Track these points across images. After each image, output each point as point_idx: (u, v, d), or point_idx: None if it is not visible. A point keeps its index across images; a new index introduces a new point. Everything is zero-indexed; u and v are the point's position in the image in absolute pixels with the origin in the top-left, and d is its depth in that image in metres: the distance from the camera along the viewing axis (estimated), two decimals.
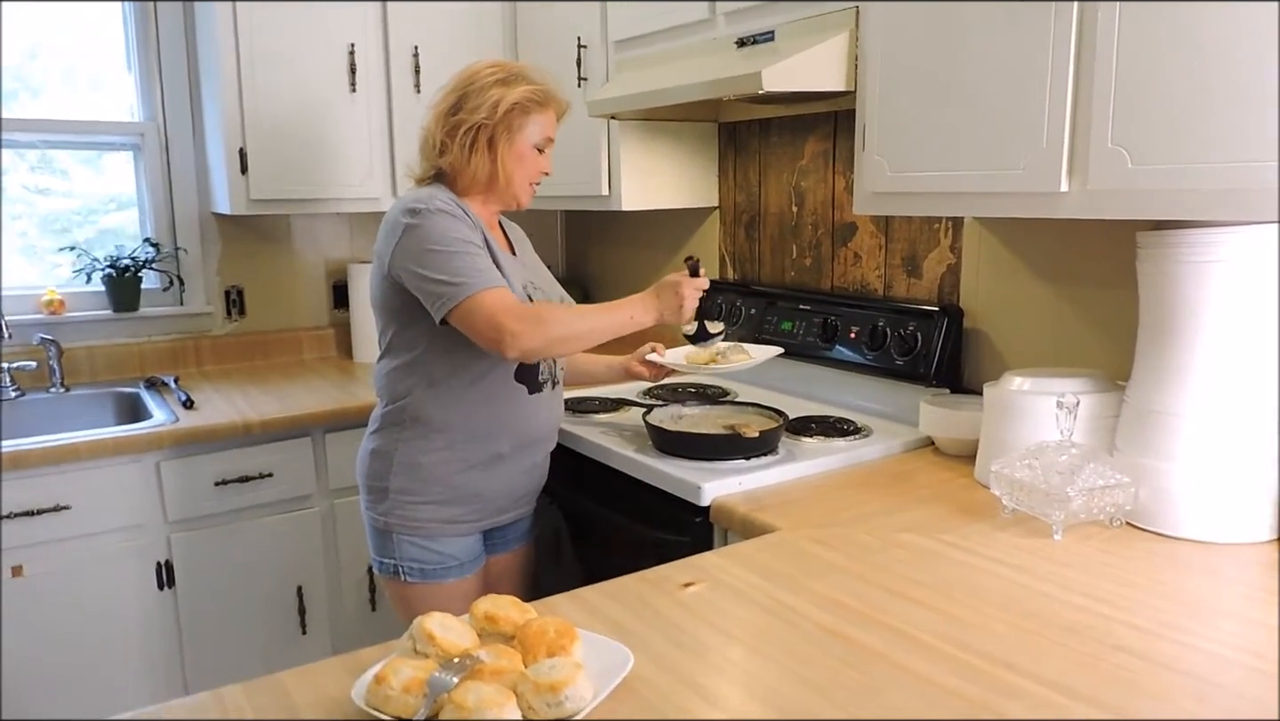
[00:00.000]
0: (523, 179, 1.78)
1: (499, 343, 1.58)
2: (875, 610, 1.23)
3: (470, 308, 1.58)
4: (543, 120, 1.76)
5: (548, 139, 1.79)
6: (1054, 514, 1.46)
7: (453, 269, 1.60)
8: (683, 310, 1.73)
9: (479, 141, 1.72)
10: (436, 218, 1.64)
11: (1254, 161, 1.22)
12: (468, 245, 1.64)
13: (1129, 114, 1.34)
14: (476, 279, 1.60)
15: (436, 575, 1.79)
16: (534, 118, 1.74)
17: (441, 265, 1.60)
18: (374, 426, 1.83)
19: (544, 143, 1.78)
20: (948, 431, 1.89)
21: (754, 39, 1.96)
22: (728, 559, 1.43)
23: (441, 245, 1.61)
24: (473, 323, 1.59)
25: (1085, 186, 1.41)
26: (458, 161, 1.73)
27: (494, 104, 1.69)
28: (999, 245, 1.97)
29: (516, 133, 1.73)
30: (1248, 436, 1.41)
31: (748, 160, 2.57)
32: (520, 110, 1.72)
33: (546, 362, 1.82)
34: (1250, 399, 1.41)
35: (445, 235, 1.62)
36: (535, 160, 1.78)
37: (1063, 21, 1.40)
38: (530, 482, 1.90)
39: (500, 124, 1.71)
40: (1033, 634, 1.15)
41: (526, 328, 1.58)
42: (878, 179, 1.74)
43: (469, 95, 1.71)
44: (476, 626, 1.15)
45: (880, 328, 2.10)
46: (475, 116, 1.70)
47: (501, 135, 1.72)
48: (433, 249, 1.61)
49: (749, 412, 2.04)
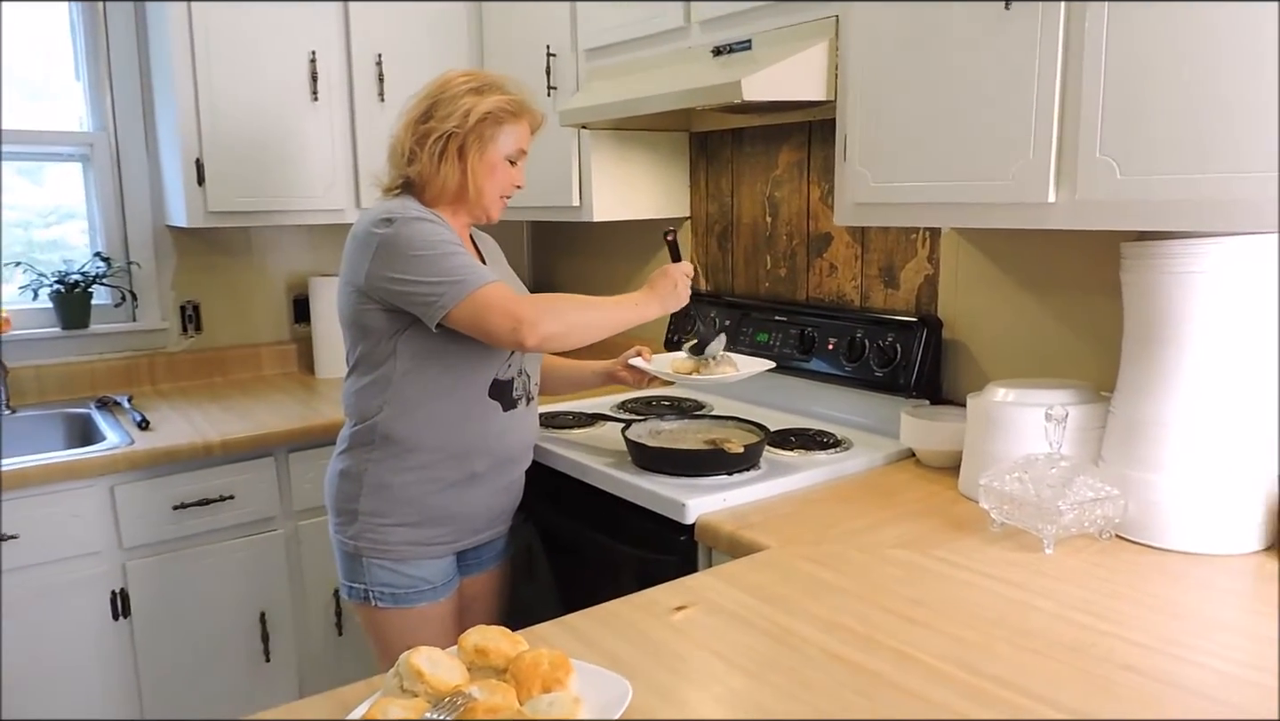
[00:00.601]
0: (493, 191, 1.73)
1: (516, 331, 1.53)
2: (876, 631, 1.20)
3: (478, 302, 1.54)
4: (516, 131, 1.71)
5: (520, 151, 1.74)
6: (1045, 528, 1.44)
7: (446, 268, 1.55)
8: (678, 292, 1.75)
9: (449, 150, 1.67)
10: (414, 225, 1.59)
11: (1246, 172, 1.21)
12: (454, 245, 1.59)
13: (1118, 124, 1.33)
14: (474, 275, 1.56)
15: (409, 599, 1.73)
16: (506, 128, 1.70)
17: (431, 267, 1.55)
18: (342, 446, 1.76)
19: (516, 155, 1.74)
20: (929, 443, 1.87)
21: (731, 47, 1.93)
22: (719, 579, 1.39)
23: (426, 248, 1.57)
24: (483, 316, 1.54)
25: (1074, 197, 1.40)
26: (426, 170, 1.68)
27: (465, 112, 1.64)
28: (977, 255, 1.97)
29: (488, 143, 1.68)
30: (1235, 446, 1.41)
31: (720, 170, 2.54)
32: (493, 120, 1.67)
33: (520, 378, 1.77)
34: (1237, 408, 1.40)
35: (428, 239, 1.58)
36: (507, 172, 1.73)
37: (1049, 30, 1.39)
38: (506, 502, 1.85)
39: (471, 133, 1.66)
40: (1038, 654, 1.13)
41: (543, 314, 1.55)
42: (860, 189, 1.72)
43: (440, 103, 1.66)
44: (466, 660, 1.10)
45: (859, 339, 2.09)
46: (446, 124, 1.65)
47: (472, 144, 1.67)
48: (417, 254, 1.56)
49: (729, 426, 2.00)
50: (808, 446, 1.96)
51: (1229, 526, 1.41)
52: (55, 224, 2.70)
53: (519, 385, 1.77)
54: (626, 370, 1.98)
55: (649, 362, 1.93)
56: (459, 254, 1.59)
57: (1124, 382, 1.53)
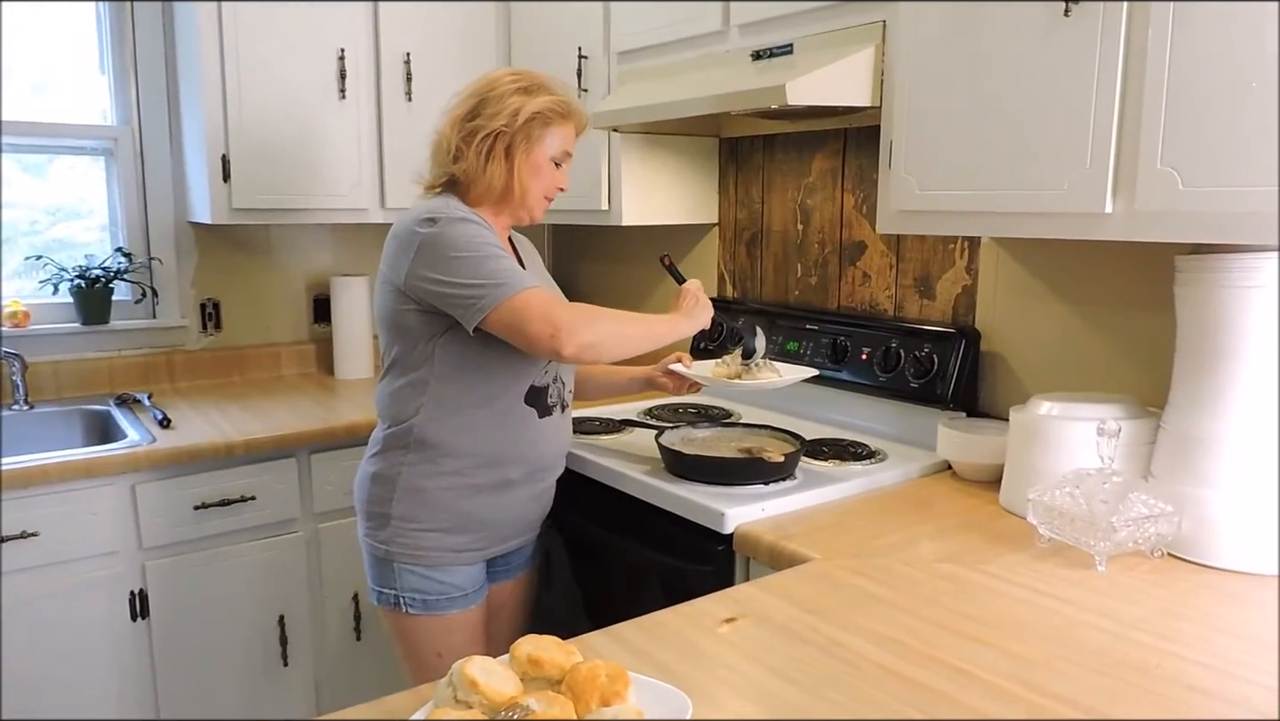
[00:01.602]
0: (538, 191, 1.71)
1: (554, 337, 1.50)
2: (931, 647, 1.17)
3: (517, 306, 1.51)
4: (562, 133, 1.70)
5: (566, 153, 1.73)
6: (1098, 544, 1.41)
7: (487, 271, 1.53)
8: (701, 305, 1.76)
9: (496, 149, 1.65)
10: (457, 225, 1.57)
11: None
12: (496, 249, 1.57)
13: (1181, 134, 1.31)
14: (515, 279, 1.53)
15: (440, 606, 1.70)
16: (554, 130, 1.68)
17: (472, 270, 1.53)
18: (375, 449, 1.73)
19: (562, 156, 1.72)
20: (967, 456, 1.85)
21: (771, 52, 1.91)
22: (766, 591, 1.36)
23: (468, 250, 1.54)
24: (521, 321, 1.51)
25: (1131, 207, 1.38)
26: (472, 169, 1.66)
27: (514, 111, 1.62)
28: (1017, 267, 1.94)
29: (535, 143, 1.66)
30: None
31: (750, 176, 2.52)
32: (541, 120, 1.65)
33: (556, 385, 1.75)
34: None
35: (471, 240, 1.55)
36: (552, 174, 1.72)
37: (1110, 36, 1.37)
38: (538, 509, 1.82)
39: (519, 132, 1.64)
40: (1101, 674, 1.10)
41: (582, 322, 1.53)
42: (905, 197, 1.70)
43: (488, 101, 1.64)
44: (518, 670, 1.06)
45: (894, 348, 2.06)
46: (494, 123, 1.63)
47: (520, 144, 1.65)
48: (459, 255, 1.54)
49: (763, 435, 1.98)
50: (842, 457, 1.93)
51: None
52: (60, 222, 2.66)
53: (554, 392, 1.74)
54: (666, 375, 1.95)
55: (689, 368, 1.90)
56: (501, 257, 1.56)
57: (1176, 397, 1.50)
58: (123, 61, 2.62)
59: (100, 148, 2.65)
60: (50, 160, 2.64)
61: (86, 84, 2.64)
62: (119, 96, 2.64)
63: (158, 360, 2.71)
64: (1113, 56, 1.37)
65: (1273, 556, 1.38)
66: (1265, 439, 1.39)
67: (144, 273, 2.68)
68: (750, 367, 1.87)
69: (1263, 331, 1.38)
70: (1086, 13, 1.38)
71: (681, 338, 1.74)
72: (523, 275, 1.57)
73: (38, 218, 2.62)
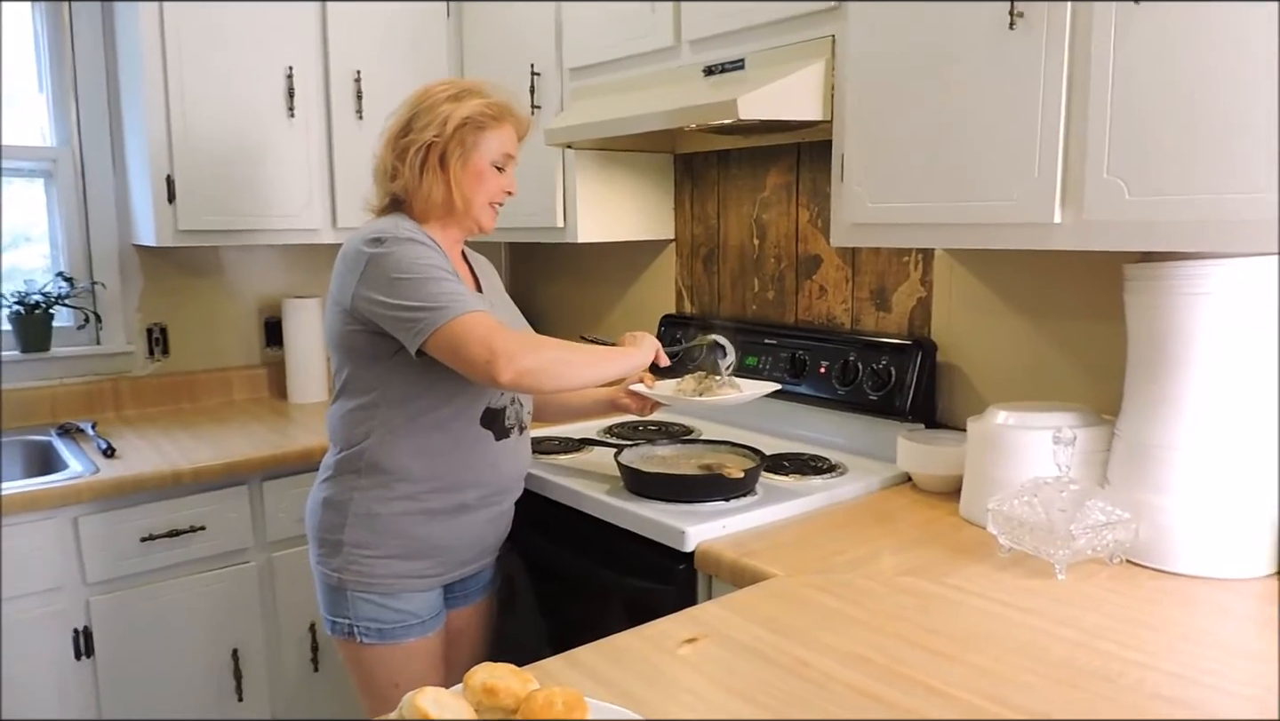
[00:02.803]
0: (481, 199, 1.67)
1: (492, 364, 1.46)
2: (899, 664, 1.16)
3: (455, 331, 1.48)
4: (499, 136, 1.66)
5: (507, 155, 1.68)
6: (1057, 552, 1.41)
7: (427, 294, 1.49)
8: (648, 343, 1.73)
9: (430, 160, 1.62)
10: (403, 245, 1.53)
11: (1255, 192, 1.20)
12: (440, 270, 1.53)
13: (1126, 144, 1.32)
14: (456, 303, 1.50)
15: (395, 635, 1.65)
16: (489, 134, 1.64)
17: (414, 291, 1.49)
18: (326, 474, 1.69)
19: (503, 160, 1.68)
20: (927, 468, 1.85)
21: (723, 67, 1.91)
22: (728, 610, 1.34)
23: (411, 272, 1.51)
24: (459, 346, 1.47)
25: (1080, 217, 1.39)
26: (410, 185, 1.63)
27: (444, 120, 1.59)
28: (971, 278, 1.95)
29: (471, 150, 1.63)
30: (1244, 469, 1.39)
31: (706, 192, 2.52)
32: (473, 125, 1.62)
33: (514, 406, 1.71)
34: (1245, 431, 1.39)
35: (415, 262, 1.52)
36: (495, 179, 1.67)
37: (1054, 48, 1.38)
38: (495, 532, 1.78)
39: (451, 141, 1.61)
40: (1069, 685, 1.10)
41: (521, 348, 1.49)
42: (857, 210, 1.70)
43: (419, 114, 1.61)
44: (473, 699, 1.03)
45: (852, 361, 2.06)
46: (425, 135, 1.60)
47: (454, 153, 1.62)
48: (402, 276, 1.50)
49: (723, 451, 1.96)
50: (802, 471, 1.93)
51: (1240, 550, 1.40)
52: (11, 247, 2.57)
53: (512, 414, 1.71)
54: (628, 396, 1.93)
55: (651, 388, 1.89)
56: (444, 280, 1.53)
57: (1129, 405, 1.51)
58: (62, 79, 2.55)
59: (39, 169, 2.58)
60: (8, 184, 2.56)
61: (24, 103, 2.56)
62: (58, 116, 2.57)
63: (102, 388, 2.63)
64: (1058, 67, 1.38)
65: (1230, 561, 1.39)
66: (1217, 444, 1.40)
67: (86, 297, 2.60)
68: (712, 385, 1.86)
69: (1211, 338, 1.40)
70: (1031, 25, 1.40)
71: (630, 371, 1.72)
72: (466, 299, 1.53)
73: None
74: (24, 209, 2.60)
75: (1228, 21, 1.21)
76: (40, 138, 2.58)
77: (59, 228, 2.60)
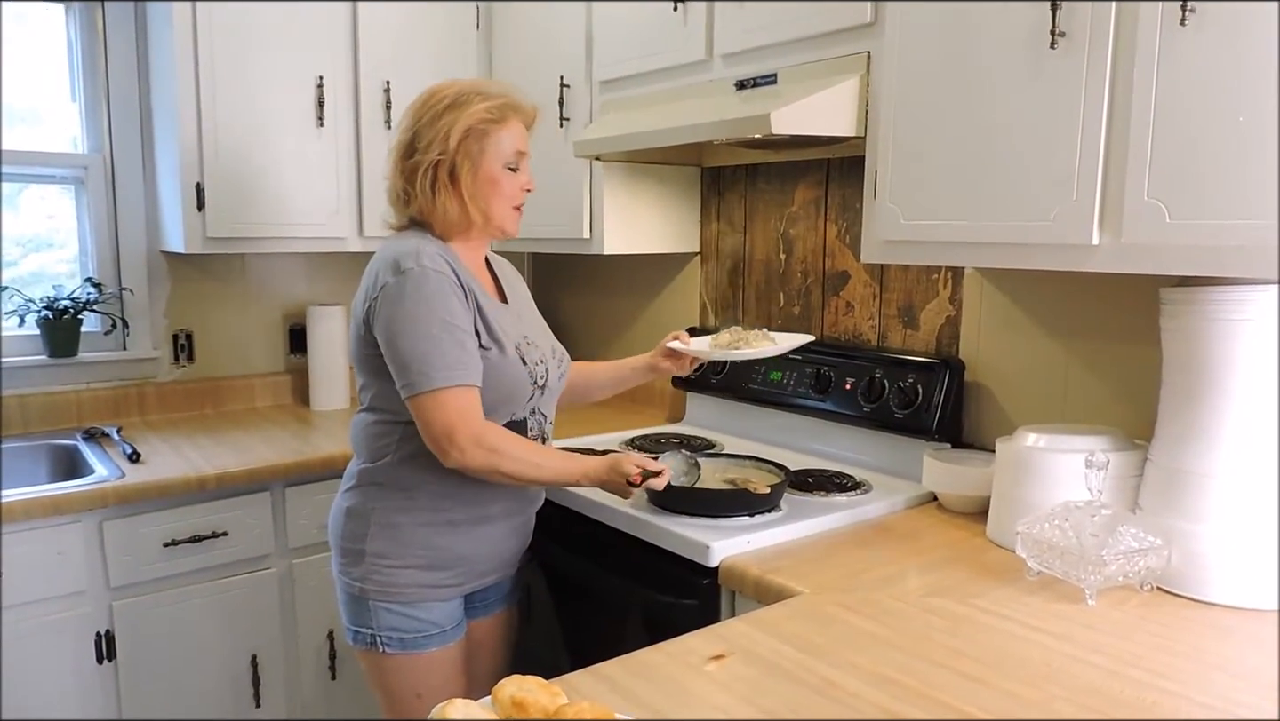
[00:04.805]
0: (500, 206, 1.63)
1: (443, 452, 1.51)
2: (928, 686, 1.14)
3: (428, 404, 1.49)
4: (509, 135, 1.61)
5: (518, 153, 1.63)
6: (1088, 577, 1.39)
7: (421, 353, 1.49)
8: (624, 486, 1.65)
9: (439, 179, 1.58)
10: (419, 284, 1.51)
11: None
12: (445, 325, 1.51)
13: (1168, 166, 1.31)
14: (441, 374, 1.49)
15: (417, 644, 1.64)
16: (495, 136, 1.59)
17: (411, 348, 1.49)
18: (349, 483, 1.69)
19: (514, 159, 1.62)
20: (954, 488, 1.83)
21: (755, 81, 1.91)
22: (754, 627, 1.33)
23: (413, 323, 1.49)
24: (427, 419, 1.50)
25: (1119, 240, 1.37)
26: (425, 207, 1.60)
27: (446, 135, 1.56)
28: (1001, 297, 1.94)
29: (479, 158, 1.59)
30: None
31: (732, 206, 2.51)
32: (478, 134, 1.58)
33: (535, 418, 1.70)
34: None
35: (420, 312, 1.50)
36: (510, 181, 1.63)
37: (1096, 68, 1.37)
38: (516, 543, 1.77)
39: (459, 154, 1.57)
40: (1101, 713, 1.08)
41: (477, 450, 1.51)
42: (890, 227, 1.69)
43: (421, 131, 1.58)
44: (501, 713, 1.03)
45: (878, 379, 2.05)
46: (430, 154, 1.57)
47: (463, 166, 1.58)
48: (406, 325, 1.50)
49: (747, 466, 1.95)
50: (826, 488, 1.91)
51: (1275, 580, 1.37)
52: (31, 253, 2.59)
53: (534, 425, 1.70)
54: (666, 357, 1.90)
55: (688, 345, 1.87)
56: (442, 338, 1.50)
57: (1163, 431, 1.49)
58: (94, 87, 2.58)
59: (71, 176, 2.61)
60: (20, 190, 2.59)
61: (57, 111, 2.59)
62: (90, 124, 2.60)
63: (128, 393, 2.65)
64: (1099, 88, 1.37)
65: (1265, 591, 1.37)
66: (1256, 474, 1.38)
67: (114, 303, 2.62)
68: (747, 338, 1.84)
69: (1252, 365, 1.38)
70: (1073, 44, 1.39)
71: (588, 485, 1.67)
72: (454, 370, 1.50)
73: (8, 250, 2.56)
74: (46, 215, 2.63)
75: (1274, 42, 1.20)
76: (72, 145, 2.61)
77: (88, 234, 2.62)
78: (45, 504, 1.96)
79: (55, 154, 2.59)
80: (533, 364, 1.65)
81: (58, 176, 2.60)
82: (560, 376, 1.76)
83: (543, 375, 1.68)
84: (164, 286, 2.70)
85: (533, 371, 1.64)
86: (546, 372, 1.69)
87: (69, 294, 2.54)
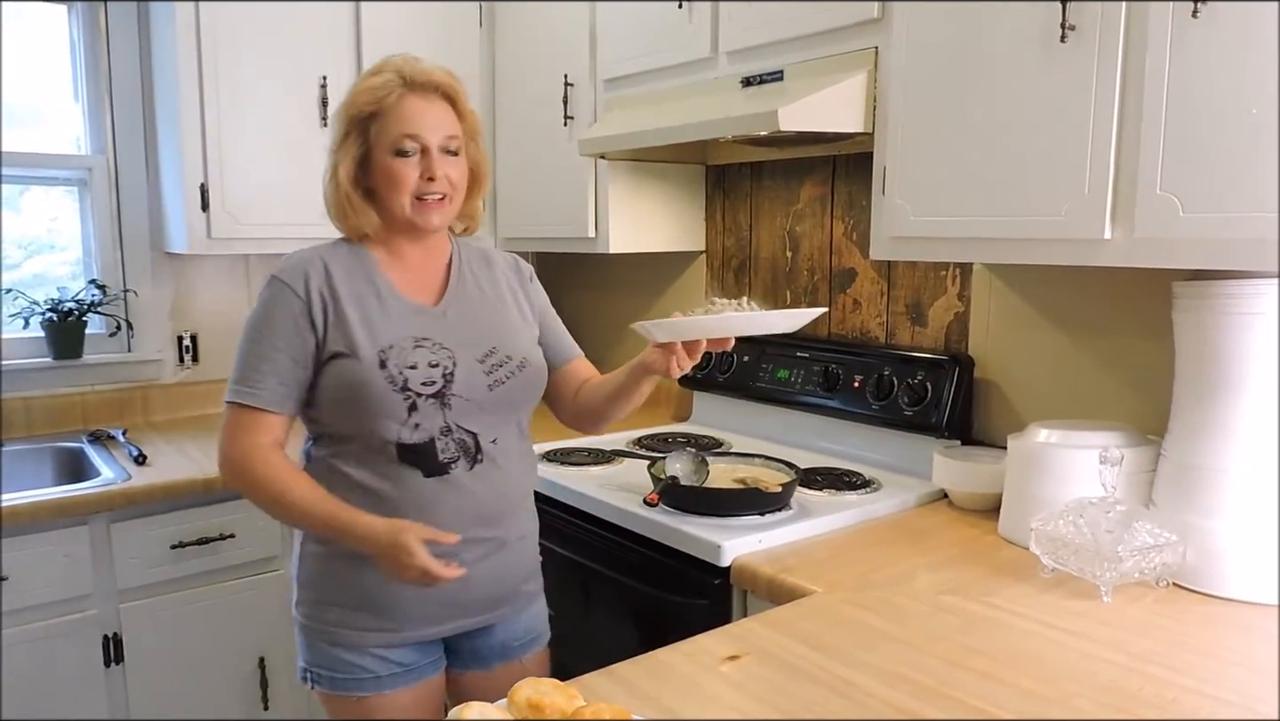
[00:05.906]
0: (398, 202, 1.42)
1: (221, 462, 1.42)
2: (944, 685, 1.14)
3: (226, 414, 1.42)
4: (382, 123, 1.41)
5: (402, 135, 1.39)
6: (1103, 574, 1.39)
7: (238, 363, 1.42)
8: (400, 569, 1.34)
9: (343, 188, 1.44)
10: (262, 293, 1.44)
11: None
12: (269, 342, 1.40)
13: (1180, 160, 1.30)
14: (232, 388, 1.41)
15: (346, 686, 1.45)
16: (372, 129, 1.41)
17: (238, 357, 1.43)
18: None
19: (401, 142, 1.39)
20: (965, 485, 1.82)
21: (761, 78, 1.90)
22: (768, 626, 1.32)
23: (247, 331, 1.43)
24: (222, 427, 1.42)
25: (1131, 234, 1.37)
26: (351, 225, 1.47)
27: (335, 142, 1.44)
28: (1010, 293, 1.93)
29: (365, 159, 1.43)
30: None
31: (737, 204, 2.50)
32: (357, 132, 1.42)
33: (447, 439, 1.42)
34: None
35: (255, 321, 1.43)
36: (403, 170, 1.40)
37: (1107, 62, 1.36)
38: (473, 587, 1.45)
39: (341, 155, 1.43)
40: (1120, 710, 1.07)
41: (231, 476, 1.42)
42: (899, 223, 1.68)
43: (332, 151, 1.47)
44: (518, 715, 1.02)
45: (886, 376, 2.04)
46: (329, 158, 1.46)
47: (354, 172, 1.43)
48: (244, 333, 1.44)
49: (756, 465, 1.94)
50: (836, 486, 1.91)
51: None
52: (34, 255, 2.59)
53: (447, 446, 1.42)
54: (654, 351, 1.45)
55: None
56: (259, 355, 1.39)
57: (1177, 426, 1.49)
58: (97, 88, 2.57)
59: (74, 177, 2.60)
60: (22, 192, 2.58)
61: (60, 112, 2.58)
62: (93, 125, 2.59)
63: (133, 395, 2.64)
64: (1110, 82, 1.36)
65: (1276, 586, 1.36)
66: (1271, 468, 1.37)
67: (118, 305, 2.61)
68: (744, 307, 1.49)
69: (1266, 359, 1.37)
70: (1084, 38, 1.38)
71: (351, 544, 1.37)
72: (238, 385, 1.40)
73: (10, 251, 2.55)
74: (49, 217, 2.62)
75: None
76: (75, 146, 2.60)
77: (92, 235, 2.61)
78: (51, 507, 1.95)
79: (59, 156, 2.58)
80: (397, 368, 1.39)
81: (61, 178, 2.59)
82: (495, 385, 1.46)
83: (430, 382, 1.41)
84: (168, 288, 2.69)
85: (395, 377, 1.38)
86: (446, 379, 1.42)
87: (73, 296, 2.53)
